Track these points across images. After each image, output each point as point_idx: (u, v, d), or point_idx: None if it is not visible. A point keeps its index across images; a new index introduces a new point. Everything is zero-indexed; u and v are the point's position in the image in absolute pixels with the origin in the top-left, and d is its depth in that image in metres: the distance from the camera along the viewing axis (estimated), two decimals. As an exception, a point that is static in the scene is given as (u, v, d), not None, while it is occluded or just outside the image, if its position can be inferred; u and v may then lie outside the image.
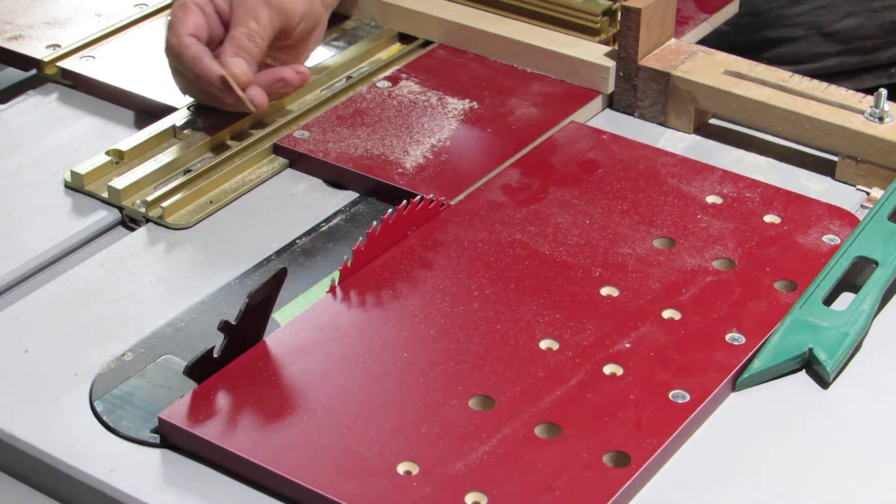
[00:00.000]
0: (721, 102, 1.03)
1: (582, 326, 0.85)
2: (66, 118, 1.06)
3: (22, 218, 0.96)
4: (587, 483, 0.74)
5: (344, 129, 1.03)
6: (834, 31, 1.31)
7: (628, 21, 1.04)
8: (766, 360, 0.82)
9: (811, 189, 0.99)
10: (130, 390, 0.82)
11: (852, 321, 0.84)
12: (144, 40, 1.14)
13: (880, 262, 0.88)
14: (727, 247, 0.91)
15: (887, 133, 0.97)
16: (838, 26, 1.31)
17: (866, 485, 0.77)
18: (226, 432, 0.77)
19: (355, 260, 0.88)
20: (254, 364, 0.81)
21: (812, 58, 1.32)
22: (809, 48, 1.32)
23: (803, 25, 1.31)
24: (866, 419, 0.81)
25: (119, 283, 0.90)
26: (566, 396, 0.80)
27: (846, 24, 1.31)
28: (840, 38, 1.31)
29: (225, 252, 0.93)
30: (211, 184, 0.98)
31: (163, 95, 1.06)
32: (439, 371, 0.82)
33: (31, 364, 0.84)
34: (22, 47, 1.12)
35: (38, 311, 0.88)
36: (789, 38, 1.31)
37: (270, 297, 0.81)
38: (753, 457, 0.78)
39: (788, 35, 1.31)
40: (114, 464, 0.77)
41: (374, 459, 0.75)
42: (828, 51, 1.32)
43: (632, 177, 0.97)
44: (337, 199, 0.98)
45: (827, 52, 1.32)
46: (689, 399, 0.79)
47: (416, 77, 1.09)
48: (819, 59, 1.32)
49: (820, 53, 1.32)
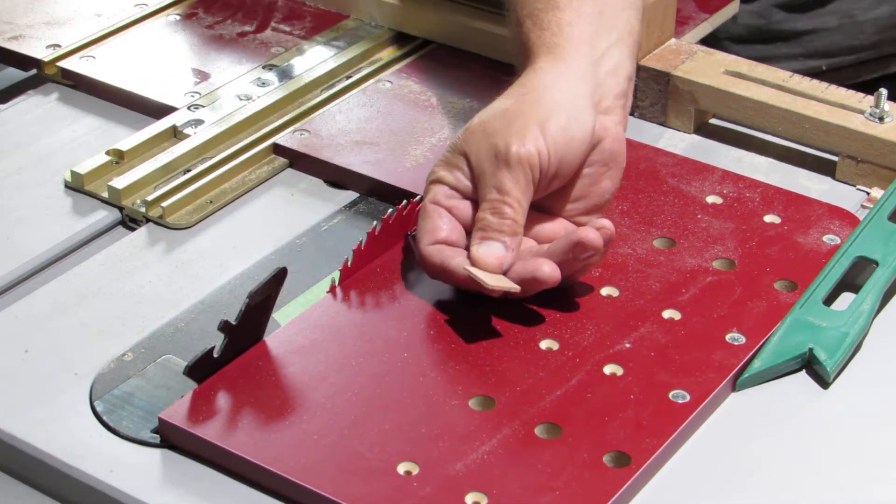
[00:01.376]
0: (721, 102, 1.03)
1: (582, 326, 0.85)
2: (66, 118, 1.06)
3: (22, 218, 0.96)
4: (587, 483, 0.74)
5: (344, 129, 1.03)
6: (867, 19, 1.31)
7: (628, 21, 1.04)
8: (767, 360, 0.82)
9: (811, 189, 0.99)
10: (130, 390, 0.81)
11: (852, 321, 0.84)
12: (144, 40, 1.14)
13: (880, 262, 0.88)
14: (727, 247, 0.91)
15: (887, 133, 0.97)
16: (871, 14, 1.31)
17: (866, 485, 0.77)
18: (226, 432, 0.77)
19: (355, 260, 0.88)
20: (254, 364, 0.81)
21: (847, 50, 1.32)
22: (844, 39, 1.32)
23: (837, 14, 1.31)
24: (866, 419, 0.81)
25: (119, 283, 0.90)
26: (566, 396, 0.80)
27: (880, 13, 1.31)
28: (874, 26, 1.31)
29: (225, 252, 0.93)
30: (211, 184, 0.98)
31: (163, 95, 1.06)
32: (439, 371, 0.82)
33: (31, 364, 0.84)
34: (22, 47, 1.12)
35: (38, 311, 0.88)
36: (823, 28, 1.32)
37: (270, 297, 0.81)
38: (753, 457, 0.78)
39: (822, 25, 1.32)
40: (114, 464, 0.77)
41: (375, 459, 0.75)
42: (862, 43, 1.32)
43: (632, 177, 0.97)
44: (337, 199, 0.98)
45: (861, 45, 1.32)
46: (689, 399, 0.79)
47: (416, 77, 1.09)
48: (854, 52, 1.32)
49: (855, 46, 1.32)
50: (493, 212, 0.84)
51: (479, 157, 0.85)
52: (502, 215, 0.83)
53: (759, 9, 1.32)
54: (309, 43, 1.14)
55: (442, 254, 0.85)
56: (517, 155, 0.83)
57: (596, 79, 0.88)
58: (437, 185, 0.86)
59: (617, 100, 0.88)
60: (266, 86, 1.08)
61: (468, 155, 0.86)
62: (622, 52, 0.90)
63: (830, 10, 1.31)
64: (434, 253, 0.85)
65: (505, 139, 0.84)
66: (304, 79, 1.08)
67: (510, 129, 0.84)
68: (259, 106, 1.05)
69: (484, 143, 0.85)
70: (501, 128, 0.85)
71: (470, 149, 0.85)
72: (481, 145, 0.85)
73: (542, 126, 0.84)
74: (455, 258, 0.84)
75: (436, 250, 0.85)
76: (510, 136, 0.84)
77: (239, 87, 1.08)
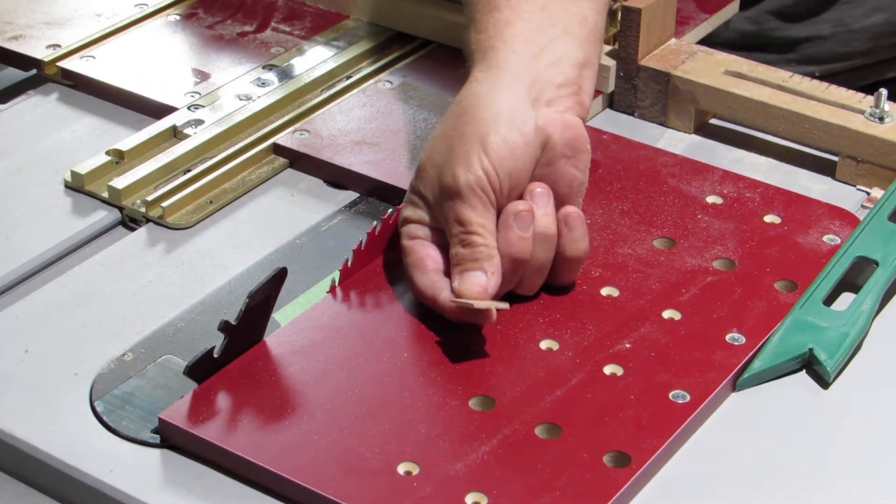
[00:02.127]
0: (721, 102, 1.03)
1: (582, 326, 0.85)
2: (66, 118, 1.06)
3: (22, 218, 0.96)
4: (587, 483, 0.74)
5: (344, 129, 1.03)
6: (861, 27, 1.31)
7: (628, 21, 1.04)
8: (767, 360, 0.82)
9: (811, 189, 0.99)
10: (130, 390, 0.81)
11: (852, 321, 0.84)
12: (144, 40, 1.14)
13: (880, 262, 0.88)
14: (727, 247, 0.91)
15: (887, 133, 0.97)
16: (866, 23, 1.31)
17: (866, 485, 0.77)
18: (226, 432, 0.77)
19: (355, 260, 0.88)
20: (254, 364, 0.81)
21: (841, 57, 1.32)
22: (837, 46, 1.32)
23: (830, 23, 1.31)
24: (866, 419, 0.81)
25: (119, 283, 0.90)
26: (566, 396, 0.80)
27: (874, 21, 1.31)
28: (867, 34, 1.31)
29: (225, 252, 0.93)
30: (211, 184, 0.98)
31: (163, 95, 1.06)
32: (439, 371, 0.82)
33: (31, 364, 0.84)
34: (22, 47, 1.12)
35: (38, 311, 0.88)
36: (817, 36, 1.31)
37: (270, 297, 0.81)
38: (753, 457, 0.78)
39: (816, 33, 1.31)
40: (114, 464, 0.77)
41: (375, 459, 0.75)
42: (855, 50, 1.32)
43: (632, 177, 0.97)
44: (337, 199, 0.98)
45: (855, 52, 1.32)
46: (690, 399, 0.79)
47: (416, 77, 1.09)
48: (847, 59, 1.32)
49: (848, 53, 1.32)
50: (463, 244, 0.84)
51: (434, 194, 0.86)
52: (472, 245, 0.83)
53: (754, 15, 1.32)
54: (309, 43, 1.14)
55: (434, 287, 0.85)
56: (466, 184, 0.84)
57: (534, 73, 0.87)
58: (408, 224, 0.87)
59: (560, 89, 0.87)
60: (266, 86, 1.08)
61: (424, 195, 0.87)
62: (568, 43, 0.89)
63: (824, 19, 1.31)
64: (427, 287, 0.85)
65: (451, 171, 0.84)
66: (304, 79, 1.08)
67: (453, 156, 0.85)
68: (259, 106, 1.05)
69: (435, 180, 0.86)
70: (447, 158, 0.85)
71: (425, 189, 0.86)
72: (434, 183, 0.86)
73: (483, 143, 0.84)
74: (440, 295, 0.84)
75: (428, 283, 0.85)
76: (455, 165, 0.84)
77: (239, 87, 1.08)
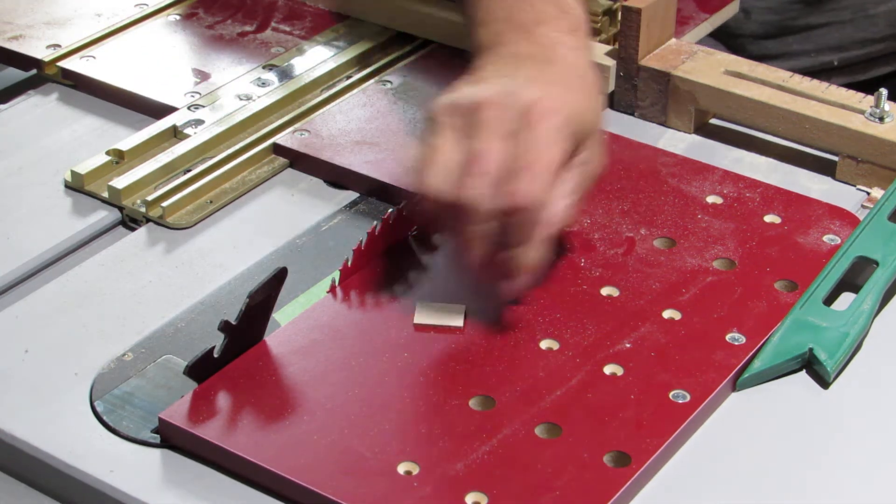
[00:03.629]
0: (721, 102, 1.03)
1: (582, 326, 0.85)
2: (66, 118, 1.06)
3: (22, 218, 0.96)
4: (587, 483, 0.74)
5: (344, 129, 1.03)
6: (880, 12, 1.31)
7: (628, 21, 1.04)
8: (767, 360, 0.82)
9: (811, 189, 0.99)
10: (130, 390, 0.81)
11: (853, 321, 0.84)
12: (144, 40, 1.14)
13: (880, 262, 0.88)
14: (727, 247, 0.91)
15: (887, 133, 0.97)
16: (885, 8, 1.31)
17: (866, 485, 0.77)
18: (226, 432, 0.77)
19: (355, 260, 0.88)
20: (254, 364, 0.81)
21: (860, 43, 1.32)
22: (856, 32, 1.32)
23: (850, 9, 1.31)
24: (866, 419, 0.81)
25: (119, 283, 0.90)
26: (566, 396, 0.80)
27: (893, 6, 1.31)
28: (887, 19, 1.32)
29: (225, 252, 0.93)
30: (211, 184, 0.98)
31: (163, 95, 1.06)
32: (439, 371, 0.82)
33: (31, 364, 0.84)
34: (22, 47, 1.12)
35: (38, 311, 0.88)
36: (837, 21, 1.32)
37: (270, 297, 0.81)
38: (753, 457, 0.78)
39: (836, 19, 1.32)
40: (114, 464, 0.77)
41: (374, 459, 0.75)
42: (874, 36, 1.32)
43: (632, 177, 0.97)
44: (337, 199, 0.98)
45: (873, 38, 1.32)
46: (690, 399, 0.79)
47: (416, 77, 1.09)
48: (866, 45, 1.32)
49: (867, 39, 1.32)
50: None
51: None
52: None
53: (775, 5, 1.32)
54: (309, 43, 1.14)
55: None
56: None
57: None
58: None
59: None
60: (266, 86, 1.08)
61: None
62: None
63: (844, 5, 1.32)
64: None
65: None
66: (304, 79, 1.08)
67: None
68: (259, 106, 1.05)
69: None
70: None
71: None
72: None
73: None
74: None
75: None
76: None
77: (239, 87, 1.08)
